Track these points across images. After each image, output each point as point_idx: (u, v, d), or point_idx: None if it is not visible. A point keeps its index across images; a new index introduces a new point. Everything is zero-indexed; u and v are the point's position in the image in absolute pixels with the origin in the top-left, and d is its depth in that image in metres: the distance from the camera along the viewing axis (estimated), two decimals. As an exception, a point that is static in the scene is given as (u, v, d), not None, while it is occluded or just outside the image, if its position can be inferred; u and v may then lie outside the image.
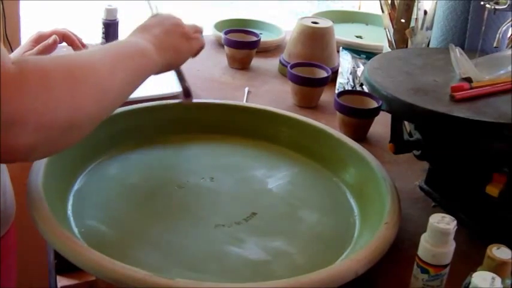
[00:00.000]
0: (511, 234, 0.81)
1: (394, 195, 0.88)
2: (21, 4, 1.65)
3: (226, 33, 1.40)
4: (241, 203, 0.92)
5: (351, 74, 1.32)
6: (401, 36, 1.22)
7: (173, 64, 0.93)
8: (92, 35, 1.52)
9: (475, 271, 0.68)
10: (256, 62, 1.42)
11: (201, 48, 0.98)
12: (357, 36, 1.58)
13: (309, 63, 1.29)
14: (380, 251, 0.78)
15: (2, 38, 1.61)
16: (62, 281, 0.95)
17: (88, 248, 0.74)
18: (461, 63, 0.93)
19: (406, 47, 1.21)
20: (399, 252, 0.84)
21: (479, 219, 0.90)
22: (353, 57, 1.38)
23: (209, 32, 1.55)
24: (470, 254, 0.82)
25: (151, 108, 1.05)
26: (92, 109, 0.71)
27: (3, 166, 0.91)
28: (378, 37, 1.48)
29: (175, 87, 1.22)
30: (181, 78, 1.03)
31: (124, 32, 1.34)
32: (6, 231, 0.92)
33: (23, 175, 0.90)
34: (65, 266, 0.91)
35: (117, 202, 0.89)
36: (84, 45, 1.10)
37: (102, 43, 1.31)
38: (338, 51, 1.41)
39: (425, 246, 0.74)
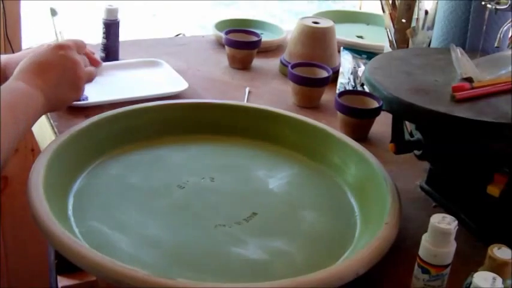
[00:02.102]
0: (512, 235, 0.81)
1: (394, 195, 0.87)
2: (22, 4, 1.65)
3: (227, 33, 1.40)
4: (242, 203, 0.92)
5: (351, 74, 1.31)
6: (402, 36, 1.22)
7: (54, 111, 1.03)
8: (92, 35, 1.52)
9: (476, 271, 0.68)
10: (257, 62, 1.42)
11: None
12: (358, 36, 1.58)
13: (310, 63, 1.29)
14: (380, 251, 0.78)
15: (3, 38, 1.62)
16: (62, 281, 0.95)
17: (88, 248, 0.74)
18: (462, 63, 0.93)
19: (407, 47, 1.20)
20: (400, 253, 0.84)
21: (480, 220, 0.90)
22: (354, 57, 1.38)
23: (210, 31, 1.55)
24: (471, 254, 0.82)
25: (152, 108, 1.05)
26: None
27: None
28: (379, 37, 1.48)
29: (175, 87, 1.22)
30: None
31: (124, 32, 1.35)
32: None
33: (23, 175, 0.90)
34: (65, 266, 0.91)
35: (118, 202, 0.89)
36: (98, 62, 1.10)
37: (102, 43, 1.31)
38: (339, 51, 1.40)
39: (426, 247, 0.74)
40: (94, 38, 1.38)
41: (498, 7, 0.95)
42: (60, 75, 0.94)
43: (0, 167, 0.79)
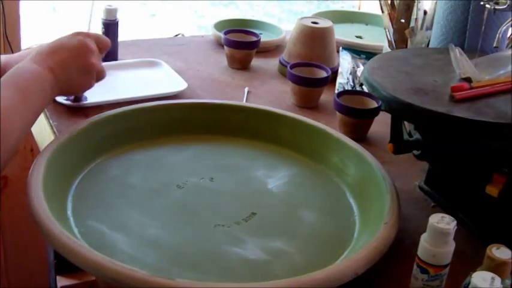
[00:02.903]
0: (510, 234, 0.81)
1: (393, 195, 0.88)
2: (21, 4, 1.65)
3: (226, 33, 1.40)
4: (241, 203, 0.92)
5: (350, 74, 1.32)
6: (401, 36, 1.22)
7: (65, 95, 1.04)
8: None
9: (475, 271, 0.68)
10: (256, 62, 1.42)
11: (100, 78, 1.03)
12: (357, 36, 1.58)
13: (309, 63, 1.29)
14: (379, 251, 0.78)
15: (2, 38, 1.62)
16: (61, 281, 0.95)
17: (88, 248, 0.74)
18: (461, 63, 0.93)
19: (406, 47, 1.21)
20: (399, 253, 0.84)
21: (479, 220, 0.90)
22: (353, 57, 1.38)
23: (209, 32, 1.56)
24: (469, 254, 0.82)
25: (151, 108, 1.05)
26: None
27: None
28: (378, 37, 1.48)
29: (174, 87, 1.22)
30: None
31: (123, 32, 1.35)
32: None
33: (23, 175, 0.90)
34: (64, 266, 0.91)
35: (117, 202, 0.89)
36: None
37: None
38: (338, 51, 1.41)
39: (425, 247, 0.75)
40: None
41: (497, 7, 0.95)
42: (72, 58, 0.94)
43: (2, 161, 0.80)
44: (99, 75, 1.02)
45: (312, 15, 1.55)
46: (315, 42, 1.35)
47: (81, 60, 0.96)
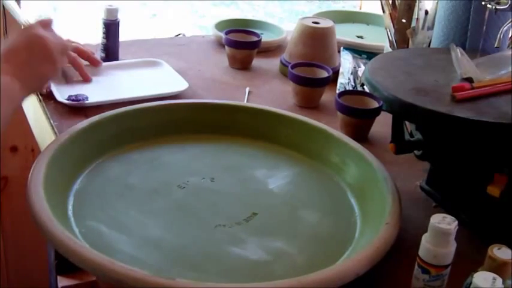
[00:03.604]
0: (512, 235, 0.81)
1: (395, 195, 0.87)
2: (22, 4, 1.65)
3: (227, 33, 1.40)
4: (242, 203, 0.92)
5: (351, 74, 1.31)
6: (402, 36, 1.22)
7: (37, 90, 0.99)
8: (92, 35, 1.52)
9: (476, 271, 0.68)
10: (257, 62, 1.42)
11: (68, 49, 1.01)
12: (358, 36, 1.58)
13: (310, 63, 1.29)
14: (381, 251, 0.78)
15: (2, 38, 1.62)
16: (62, 281, 0.95)
17: (88, 248, 0.74)
18: (462, 63, 0.93)
19: (407, 47, 1.20)
20: (400, 253, 0.84)
21: (481, 220, 0.90)
22: (354, 57, 1.38)
23: (210, 32, 1.56)
24: (471, 255, 0.82)
25: (152, 108, 1.05)
26: None
27: None
28: (379, 37, 1.48)
29: (175, 87, 1.22)
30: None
31: (124, 32, 1.35)
32: None
33: (23, 175, 0.90)
34: (65, 266, 0.91)
35: (118, 202, 0.89)
36: (98, 62, 1.09)
37: (102, 43, 1.31)
38: (339, 51, 1.41)
39: (426, 247, 0.74)
40: (94, 38, 1.39)
41: (498, 7, 0.95)
42: (28, 53, 0.91)
43: None
44: (65, 49, 0.99)
45: (313, 15, 1.55)
46: (316, 42, 1.35)
47: (38, 51, 0.92)
